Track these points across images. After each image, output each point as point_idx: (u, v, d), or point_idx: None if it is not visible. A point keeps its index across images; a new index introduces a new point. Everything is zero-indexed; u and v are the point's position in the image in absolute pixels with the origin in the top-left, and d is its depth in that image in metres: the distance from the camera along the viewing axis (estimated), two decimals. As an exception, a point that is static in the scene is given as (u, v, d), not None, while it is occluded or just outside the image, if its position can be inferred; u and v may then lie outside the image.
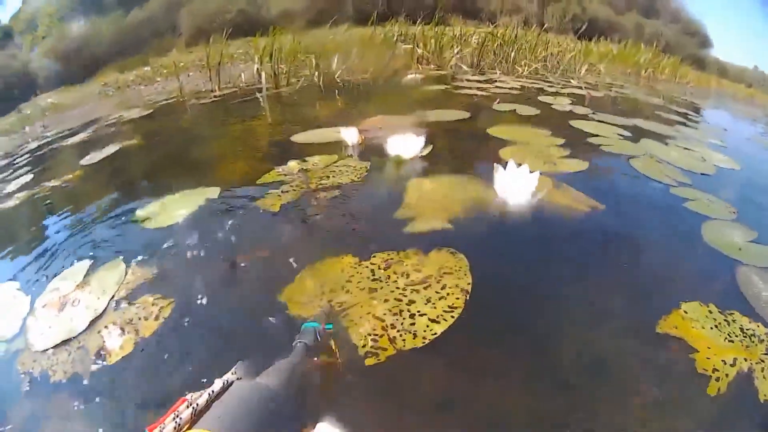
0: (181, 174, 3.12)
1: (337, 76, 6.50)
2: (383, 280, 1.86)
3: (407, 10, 9.42)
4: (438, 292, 1.77)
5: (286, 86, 6.33)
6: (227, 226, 2.35)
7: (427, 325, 1.63)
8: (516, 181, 2.37)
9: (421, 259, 1.96)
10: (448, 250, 1.99)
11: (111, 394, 1.52)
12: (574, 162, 3.10)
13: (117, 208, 2.83)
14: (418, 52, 7.79)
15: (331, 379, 1.46)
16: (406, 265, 1.93)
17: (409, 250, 2.01)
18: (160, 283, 1.98)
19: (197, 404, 0.98)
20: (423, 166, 2.93)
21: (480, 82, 6.36)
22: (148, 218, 2.52)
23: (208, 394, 1.02)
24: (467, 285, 1.80)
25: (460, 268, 1.88)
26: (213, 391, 1.04)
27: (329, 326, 1.54)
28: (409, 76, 6.79)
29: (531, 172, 2.37)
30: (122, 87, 9.33)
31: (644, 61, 10.04)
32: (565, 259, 2.08)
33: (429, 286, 1.81)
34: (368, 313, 1.70)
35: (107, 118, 6.13)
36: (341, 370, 1.48)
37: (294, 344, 1.33)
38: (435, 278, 1.84)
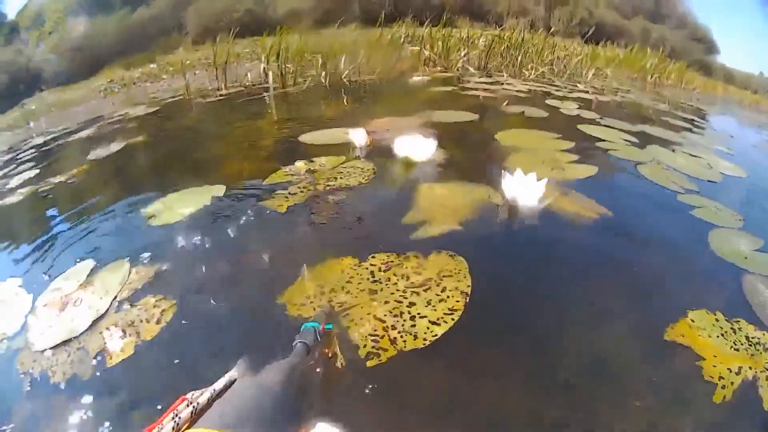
0: (187, 172, 3.11)
1: (343, 76, 6.51)
2: (383, 281, 1.85)
3: (414, 12, 9.45)
4: (438, 295, 1.76)
5: (292, 86, 6.34)
6: (233, 226, 2.34)
7: (428, 327, 1.62)
8: (523, 188, 2.35)
9: (420, 262, 1.95)
10: (447, 253, 1.98)
11: (110, 396, 1.50)
12: (582, 167, 3.08)
13: (122, 206, 2.83)
14: (425, 53, 7.79)
15: (331, 379, 1.45)
16: (406, 268, 1.92)
17: (409, 253, 2.00)
18: (163, 284, 1.96)
19: (198, 403, 0.96)
20: (432, 170, 2.90)
21: (487, 84, 6.34)
22: (154, 216, 2.52)
23: (210, 393, 1.01)
24: (467, 287, 1.79)
25: (459, 271, 1.87)
26: (215, 390, 1.03)
27: (329, 326, 1.54)
28: (416, 77, 6.79)
29: (539, 179, 2.34)
30: (128, 84, 9.36)
31: (650, 67, 10.00)
32: (572, 267, 2.06)
33: (429, 289, 1.80)
34: (369, 314, 1.69)
35: (112, 115, 6.14)
36: (342, 370, 1.47)
37: (294, 344, 1.32)
38: (435, 281, 1.83)
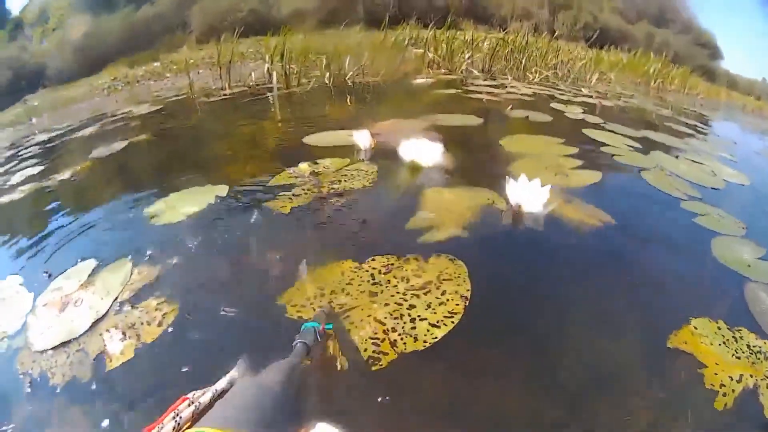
0: (190, 171, 3.11)
1: (347, 77, 6.51)
2: (383, 284, 1.85)
3: (418, 14, 9.44)
4: (438, 298, 1.76)
5: (296, 86, 6.34)
6: (235, 226, 2.34)
7: (428, 330, 1.62)
8: (528, 194, 2.34)
9: (420, 265, 1.94)
10: (447, 257, 1.98)
11: (109, 399, 1.49)
12: (586, 173, 3.07)
13: (124, 205, 2.83)
14: (429, 56, 7.79)
15: (331, 380, 1.45)
16: (406, 270, 1.91)
17: (409, 256, 2.00)
18: (164, 285, 1.94)
19: (199, 403, 0.97)
20: (436, 175, 2.88)
21: (491, 87, 6.34)
22: (156, 215, 2.51)
23: (212, 393, 1.02)
24: (466, 291, 1.79)
25: (459, 275, 1.87)
26: (216, 390, 1.04)
27: (329, 326, 1.53)
28: (420, 79, 6.79)
29: (542, 185, 2.34)
30: (131, 82, 9.39)
31: (654, 72, 9.99)
32: (575, 273, 2.05)
33: (429, 292, 1.79)
34: (369, 316, 1.69)
35: (116, 113, 6.16)
36: (342, 372, 1.47)
37: (294, 344, 1.31)
38: (435, 284, 1.83)
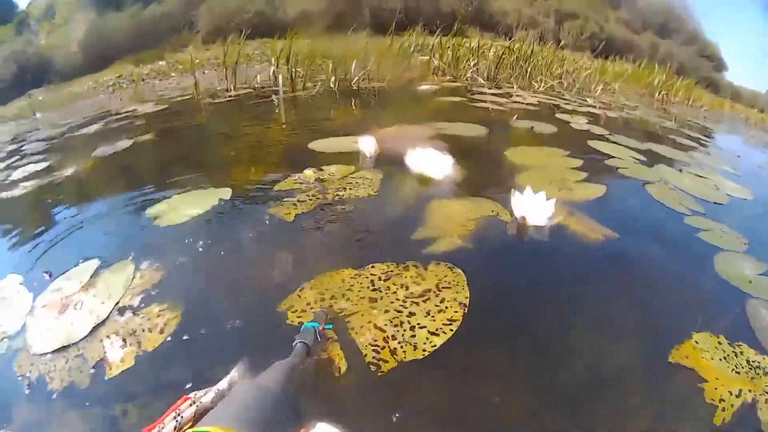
0: (194, 173, 3.11)
1: (353, 82, 6.53)
2: (383, 290, 1.85)
3: (425, 20, 9.48)
4: (437, 305, 1.76)
5: (302, 90, 6.36)
6: (238, 231, 2.33)
7: (427, 338, 1.62)
8: (533, 207, 2.34)
9: (420, 272, 1.94)
10: (446, 265, 1.98)
11: (109, 405, 1.48)
12: (591, 187, 3.05)
13: (127, 204, 2.82)
14: (435, 62, 7.81)
15: (331, 382, 1.46)
16: (406, 278, 1.91)
17: (408, 263, 1.99)
18: (167, 289, 1.92)
19: (201, 402, 0.97)
20: (441, 186, 2.85)
21: (496, 95, 6.35)
22: (159, 216, 2.50)
23: (214, 393, 1.02)
24: (465, 299, 1.79)
25: (458, 283, 1.87)
26: (218, 390, 1.03)
27: (329, 326, 1.53)
28: (425, 86, 6.81)
29: (547, 199, 2.34)
30: (136, 80, 9.42)
31: (658, 83, 10.01)
32: (576, 285, 2.05)
33: (428, 299, 1.79)
34: (369, 322, 1.69)
35: (120, 111, 6.18)
36: (342, 375, 1.47)
37: (294, 344, 1.31)
38: (434, 291, 1.83)
